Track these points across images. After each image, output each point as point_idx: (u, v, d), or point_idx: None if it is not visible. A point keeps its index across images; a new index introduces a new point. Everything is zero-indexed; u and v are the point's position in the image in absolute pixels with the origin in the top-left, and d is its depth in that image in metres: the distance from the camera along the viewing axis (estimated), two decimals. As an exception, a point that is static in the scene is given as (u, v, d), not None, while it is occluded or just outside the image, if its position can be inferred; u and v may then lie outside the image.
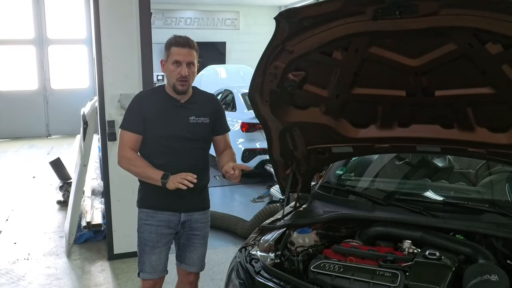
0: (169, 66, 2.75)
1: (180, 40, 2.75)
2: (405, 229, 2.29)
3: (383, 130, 2.43)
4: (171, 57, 2.74)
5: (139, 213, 2.94)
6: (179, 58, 2.72)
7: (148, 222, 2.88)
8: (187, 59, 2.73)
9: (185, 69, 2.72)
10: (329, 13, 1.92)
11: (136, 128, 2.82)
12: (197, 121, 2.84)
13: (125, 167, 2.86)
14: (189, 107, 2.85)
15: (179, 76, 2.73)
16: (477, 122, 2.19)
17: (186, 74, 2.73)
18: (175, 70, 2.73)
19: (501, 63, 1.86)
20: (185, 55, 2.73)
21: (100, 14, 4.47)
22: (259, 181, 7.98)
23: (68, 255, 5.03)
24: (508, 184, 2.72)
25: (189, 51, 2.74)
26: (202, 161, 2.92)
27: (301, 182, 2.82)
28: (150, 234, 2.88)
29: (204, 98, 2.96)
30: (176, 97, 2.83)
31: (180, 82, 2.75)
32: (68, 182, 6.87)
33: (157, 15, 15.12)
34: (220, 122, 2.99)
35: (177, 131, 2.80)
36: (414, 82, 2.10)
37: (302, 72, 2.25)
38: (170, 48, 2.75)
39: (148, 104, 2.85)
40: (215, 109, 2.96)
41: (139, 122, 2.81)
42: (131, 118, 2.85)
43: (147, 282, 2.93)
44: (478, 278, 1.83)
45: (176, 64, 2.73)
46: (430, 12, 1.77)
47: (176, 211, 2.87)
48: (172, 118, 2.82)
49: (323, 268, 2.09)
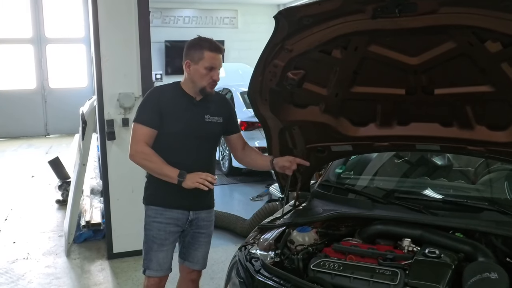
0: (201, 70, 2.73)
1: (214, 45, 2.75)
2: (405, 227, 2.29)
3: (383, 129, 2.43)
4: (204, 61, 2.72)
5: (146, 210, 2.94)
6: (214, 64, 2.73)
7: (157, 219, 2.88)
8: (220, 64, 2.77)
9: (218, 73, 2.76)
10: (329, 11, 1.92)
11: (152, 123, 2.77)
12: (211, 120, 2.85)
13: (139, 162, 2.80)
14: (205, 106, 2.85)
15: (211, 81, 2.75)
16: (476, 120, 2.19)
17: (219, 78, 2.76)
18: (207, 74, 2.73)
19: (500, 61, 1.87)
20: (219, 60, 2.75)
21: (98, 13, 4.46)
22: (258, 180, 7.99)
23: (68, 254, 5.02)
24: (507, 182, 2.72)
25: (221, 57, 2.77)
26: (211, 160, 2.94)
27: (300, 181, 2.82)
28: (158, 232, 2.88)
29: (218, 98, 2.98)
30: (192, 95, 2.83)
31: (211, 84, 2.77)
32: (67, 181, 6.87)
33: (155, 13, 15.09)
34: (234, 122, 3.02)
35: (192, 128, 2.79)
36: (414, 80, 2.11)
37: (301, 70, 2.26)
38: (203, 52, 2.71)
39: (165, 99, 2.82)
40: (229, 109, 2.99)
41: (156, 116, 2.78)
42: (147, 112, 2.81)
43: (153, 279, 2.93)
44: (478, 276, 1.83)
45: (210, 69, 2.73)
46: (429, 10, 1.77)
47: (185, 209, 2.88)
48: (188, 116, 2.81)
49: (323, 267, 2.09)
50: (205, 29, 15.78)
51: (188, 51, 2.77)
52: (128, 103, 4.53)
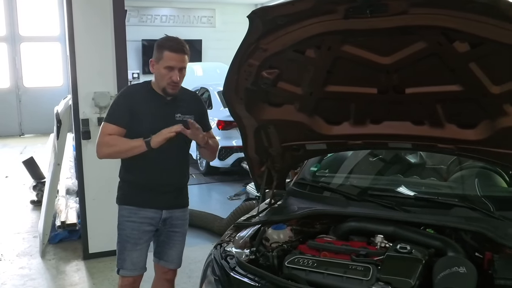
0: (161, 70, 2.73)
1: (174, 45, 2.73)
2: (378, 224, 2.33)
3: (356, 127, 2.47)
4: (164, 61, 2.71)
5: (120, 210, 2.93)
6: (172, 64, 2.71)
7: (131, 219, 2.88)
8: (180, 65, 2.73)
9: (177, 74, 2.72)
10: (302, 11, 1.94)
11: (119, 121, 2.78)
12: (182, 118, 2.84)
13: (106, 152, 2.80)
14: (176, 104, 2.86)
15: (170, 81, 2.73)
16: (446, 119, 2.24)
17: (177, 80, 2.73)
18: (167, 74, 2.72)
19: (469, 61, 1.91)
20: (178, 61, 2.72)
21: (73, 11, 4.43)
22: (236, 179, 8.01)
23: (42, 255, 4.97)
24: (478, 179, 2.79)
25: (182, 57, 2.73)
26: (184, 158, 2.96)
27: (276, 179, 2.85)
28: (132, 231, 2.88)
29: (189, 96, 2.99)
30: (162, 93, 2.83)
31: (171, 86, 2.75)
32: (42, 182, 6.79)
33: (132, 12, 14.98)
34: (205, 120, 3.02)
35: (162, 127, 2.78)
36: (386, 79, 2.14)
37: (276, 70, 2.27)
38: (163, 51, 2.71)
39: (136, 99, 2.84)
40: (200, 107, 3.01)
41: (125, 115, 2.79)
42: (117, 111, 2.82)
43: (127, 279, 2.93)
44: (447, 270, 1.88)
45: (169, 69, 2.71)
46: (400, 11, 1.80)
47: (158, 208, 2.88)
48: (159, 114, 2.82)
49: (297, 263, 2.12)
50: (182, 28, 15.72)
51: (154, 51, 2.78)
52: (103, 102, 4.50)
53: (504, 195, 2.75)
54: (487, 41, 1.80)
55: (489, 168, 2.82)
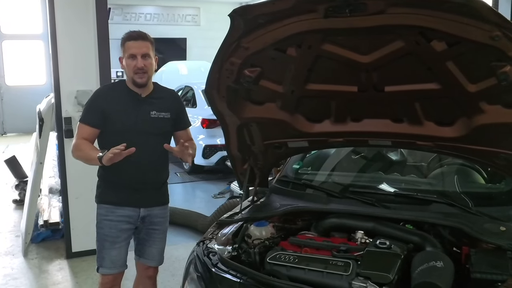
0: (127, 61, 2.80)
1: (133, 34, 2.81)
2: (358, 220, 2.37)
3: (337, 125, 2.50)
4: (126, 51, 2.79)
5: (98, 209, 2.94)
6: (133, 51, 2.76)
7: (108, 217, 2.88)
8: (142, 51, 2.77)
9: (140, 61, 2.76)
10: (282, 10, 1.96)
11: (92, 122, 2.83)
12: (158, 115, 2.86)
13: (76, 155, 2.86)
14: (151, 102, 2.87)
15: (135, 69, 2.76)
16: (425, 116, 2.28)
17: (142, 65, 2.76)
18: (131, 63, 2.77)
19: (446, 60, 1.95)
20: (138, 47, 2.77)
21: (55, 8, 4.40)
22: (220, 177, 8.01)
23: (25, 254, 4.93)
24: (457, 176, 2.84)
25: (143, 43, 2.78)
26: (162, 156, 2.94)
27: (258, 177, 2.87)
28: (110, 230, 2.88)
29: (166, 94, 3.00)
30: (137, 91, 2.85)
31: (138, 74, 2.77)
32: (24, 181, 6.73)
33: (116, 10, 14.88)
34: (182, 118, 3.03)
35: (138, 125, 2.81)
36: (365, 78, 2.17)
37: (258, 68, 2.29)
38: (125, 43, 2.80)
39: (109, 98, 2.87)
40: (176, 104, 3.01)
41: (97, 115, 2.82)
42: (89, 111, 2.87)
43: (107, 277, 2.93)
44: (425, 265, 1.92)
45: (132, 57, 2.77)
46: (378, 10, 1.83)
47: (136, 206, 2.89)
48: (133, 112, 2.83)
49: (279, 260, 2.14)
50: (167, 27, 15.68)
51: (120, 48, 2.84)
52: (86, 101, 4.43)
53: (482, 191, 2.80)
54: (463, 40, 1.84)
55: (468, 165, 2.88)
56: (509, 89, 1.91)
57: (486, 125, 2.11)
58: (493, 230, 2.17)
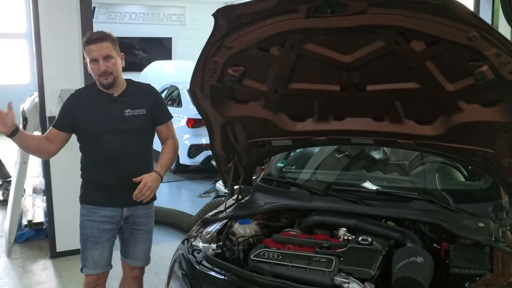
0: (90, 66, 2.75)
1: (92, 36, 2.74)
2: (341, 217, 2.41)
3: (320, 123, 2.53)
4: (88, 55, 2.74)
5: (81, 209, 2.92)
6: (94, 55, 2.71)
7: (90, 218, 2.87)
8: (102, 53, 2.70)
9: (102, 64, 2.71)
10: (265, 10, 1.99)
11: (57, 125, 2.84)
12: (132, 113, 2.81)
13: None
14: (123, 100, 2.82)
15: (100, 72, 2.73)
16: (405, 115, 2.32)
17: (105, 68, 2.71)
18: (94, 67, 2.73)
19: (425, 60, 1.99)
20: (98, 50, 2.70)
21: (39, 7, 4.37)
22: (205, 176, 8.02)
23: (9, 254, 4.90)
24: (438, 174, 2.89)
25: (101, 45, 2.71)
26: (142, 154, 2.89)
27: (243, 175, 2.89)
28: (92, 230, 2.87)
29: (140, 90, 2.93)
30: (108, 91, 2.81)
31: (103, 77, 2.73)
32: (8, 181, 6.68)
33: (100, 9, 14.79)
34: (160, 112, 2.94)
35: (112, 125, 2.78)
36: (347, 77, 2.21)
37: (241, 67, 2.31)
38: (85, 47, 2.74)
39: (80, 101, 2.85)
40: (152, 99, 2.92)
41: (64, 119, 2.83)
42: (59, 115, 2.89)
43: (90, 277, 2.92)
44: (405, 260, 1.96)
45: (94, 61, 2.72)
46: (359, 11, 1.87)
47: (118, 207, 2.86)
48: (106, 113, 2.80)
49: (262, 257, 2.17)
50: (152, 26, 15.62)
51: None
52: (70, 100, 4.45)
53: (461, 188, 2.86)
54: (441, 40, 1.89)
55: (449, 163, 2.93)
56: (486, 88, 1.97)
57: (464, 124, 2.17)
58: (471, 226, 2.22)
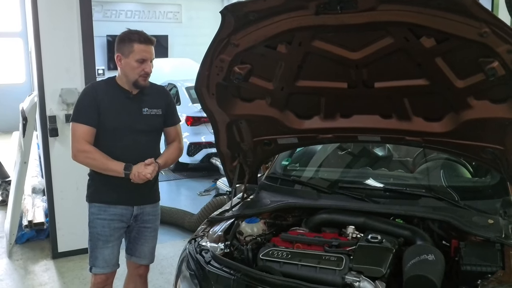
0: (132, 63, 2.73)
1: (145, 37, 2.74)
2: (349, 216, 2.40)
3: (326, 121, 2.51)
4: (135, 54, 2.71)
5: (90, 208, 2.91)
6: (145, 56, 2.72)
7: (101, 216, 2.85)
8: (152, 56, 2.76)
9: (150, 65, 2.75)
10: (273, 7, 1.97)
11: (90, 121, 2.76)
12: (150, 112, 2.85)
13: (83, 161, 2.81)
14: (142, 99, 2.85)
15: (143, 73, 2.74)
16: (413, 112, 2.31)
17: (150, 71, 2.75)
18: (139, 66, 2.73)
19: (435, 56, 1.98)
20: (150, 52, 2.75)
21: (38, 6, 4.34)
22: (205, 175, 8.00)
23: (10, 255, 4.87)
24: (443, 170, 2.88)
25: (152, 48, 2.76)
26: (153, 153, 2.91)
27: (248, 174, 2.87)
28: (103, 229, 2.85)
29: (156, 90, 2.97)
30: (128, 89, 2.82)
31: (143, 77, 2.76)
32: (7, 181, 6.64)
33: (96, 7, 14.69)
34: (171, 114, 3.00)
35: (131, 122, 2.79)
36: (355, 74, 2.19)
37: (248, 65, 2.29)
38: (133, 44, 2.71)
39: (101, 96, 2.80)
40: (167, 101, 2.98)
41: (94, 114, 2.76)
42: (84, 110, 2.79)
43: (99, 276, 2.90)
44: (416, 258, 1.95)
45: (141, 61, 2.72)
46: (369, 7, 1.85)
47: (129, 205, 2.87)
48: (126, 110, 2.81)
49: (271, 256, 2.15)
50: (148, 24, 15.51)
51: (118, 45, 2.76)
52: (71, 99, 4.44)
53: (468, 185, 2.84)
54: (452, 36, 1.87)
55: (454, 159, 2.92)
56: (496, 84, 1.95)
57: (474, 120, 2.15)
58: (481, 223, 2.21)
